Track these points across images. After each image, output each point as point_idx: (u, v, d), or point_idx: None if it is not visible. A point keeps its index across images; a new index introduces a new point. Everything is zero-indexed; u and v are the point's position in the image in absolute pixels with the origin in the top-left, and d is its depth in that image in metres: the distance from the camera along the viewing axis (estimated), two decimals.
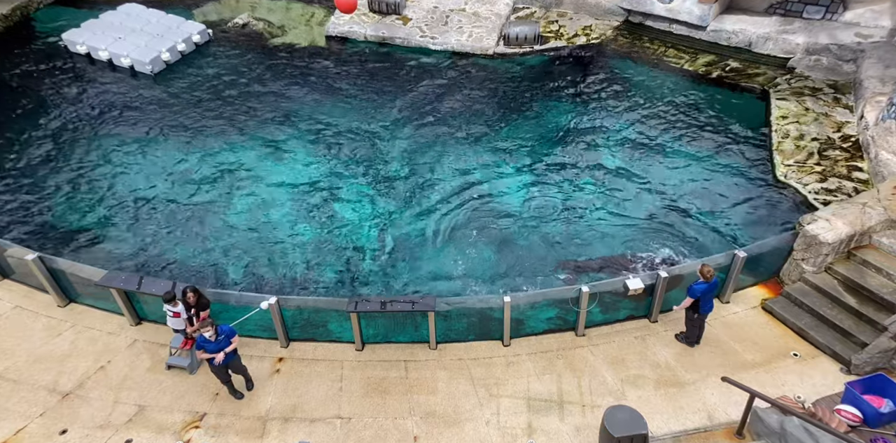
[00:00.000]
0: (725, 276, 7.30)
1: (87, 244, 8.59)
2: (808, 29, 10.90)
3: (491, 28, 12.58)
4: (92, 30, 12.34)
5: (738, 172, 9.38)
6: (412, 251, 8.54)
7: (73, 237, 8.68)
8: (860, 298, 6.82)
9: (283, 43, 12.92)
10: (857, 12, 10.66)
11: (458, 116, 10.95)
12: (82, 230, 8.82)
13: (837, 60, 10.61)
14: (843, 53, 10.53)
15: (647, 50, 12.11)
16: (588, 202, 9.15)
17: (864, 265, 7.01)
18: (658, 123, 10.49)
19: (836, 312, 6.86)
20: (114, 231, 8.82)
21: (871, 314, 6.58)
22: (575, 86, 11.53)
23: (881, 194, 7.42)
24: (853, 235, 7.00)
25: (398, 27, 12.80)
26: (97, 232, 8.80)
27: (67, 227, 8.87)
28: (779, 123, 9.76)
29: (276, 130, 10.67)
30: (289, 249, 8.56)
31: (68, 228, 8.84)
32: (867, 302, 6.75)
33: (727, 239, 8.39)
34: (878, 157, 8.26)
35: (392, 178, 9.76)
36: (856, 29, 10.66)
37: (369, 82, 11.88)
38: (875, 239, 7.10)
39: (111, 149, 10.27)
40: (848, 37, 10.52)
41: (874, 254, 7.04)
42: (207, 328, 5.74)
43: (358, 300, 6.64)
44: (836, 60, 10.62)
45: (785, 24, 11.11)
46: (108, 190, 9.48)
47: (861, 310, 6.69)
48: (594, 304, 6.87)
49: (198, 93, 11.53)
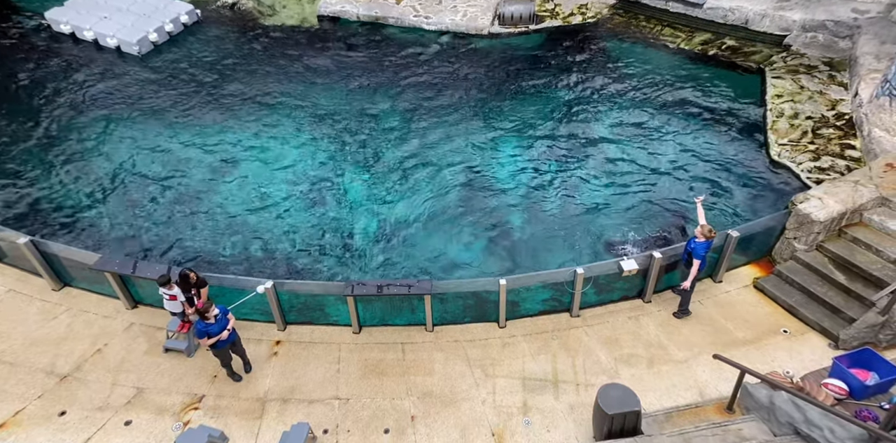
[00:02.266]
0: (718, 256, 7.36)
1: (79, 227, 8.53)
2: (805, 5, 10.75)
3: (486, 7, 12.33)
4: (76, 8, 11.99)
5: (733, 152, 9.37)
6: (408, 234, 8.54)
7: (64, 220, 8.62)
8: (849, 274, 6.91)
9: (273, 23, 12.62)
10: None
11: (453, 97, 10.81)
12: (74, 213, 8.76)
13: (834, 37, 10.50)
14: (839, 30, 10.41)
15: (643, 29, 11.93)
16: (584, 181, 9.14)
17: (855, 243, 7.09)
18: (654, 102, 10.41)
19: (825, 289, 6.96)
20: (106, 214, 8.75)
21: (860, 290, 6.69)
22: (570, 66, 11.38)
23: (873, 172, 7.44)
24: (844, 213, 7.05)
25: (391, 6, 12.52)
26: (89, 215, 8.74)
27: (58, 209, 8.80)
28: (774, 101, 9.71)
29: (267, 112, 10.51)
30: (285, 232, 8.53)
31: (59, 211, 8.77)
32: (856, 279, 6.85)
33: (720, 219, 8.43)
34: (871, 134, 8.26)
35: (387, 159, 9.68)
36: (852, 4, 10.52)
37: (362, 63, 11.66)
38: (866, 216, 7.16)
39: (99, 131, 10.11)
40: (845, 13, 10.39)
41: (864, 231, 7.11)
42: (213, 309, 5.75)
43: (354, 284, 6.66)
44: (832, 37, 10.51)
45: (782, 1, 10.94)
46: (97, 172, 9.38)
47: (850, 286, 6.79)
48: (589, 285, 6.93)
49: (187, 74, 11.30)
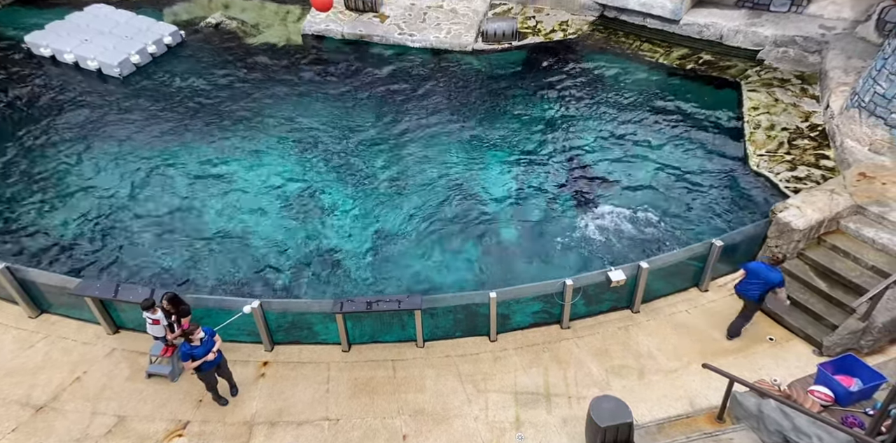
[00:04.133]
0: (703, 265, 7.47)
1: (58, 252, 8.34)
2: (776, 21, 11.16)
3: (469, 25, 12.56)
4: (57, 31, 11.91)
5: (714, 163, 9.58)
6: (396, 249, 8.52)
7: (42, 245, 8.43)
8: (830, 282, 7.06)
9: (257, 42, 12.68)
10: (821, 5, 10.96)
11: (439, 113, 10.92)
12: (51, 237, 8.57)
13: (804, 52, 10.89)
14: (808, 45, 10.82)
15: (622, 44, 12.25)
16: (569, 194, 9.25)
17: (833, 250, 7.26)
18: (635, 114, 10.64)
19: (807, 297, 7.09)
20: (85, 237, 8.58)
21: (840, 297, 6.83)
22: (553, 80, 11.60)
23: (847, 181, 7.67)
24: (822, 221, 7.23)
25: (375, 25, 12.69)
26: (68, 239, 8.55)
27: (35, 234, 8.60)
28: (750, 113, 9.99)
29: (252, 131, 10.49)
30: (271, 251, 8.45)
31: (37, 236, 8.57)
32: (836, 286, 6.99)
33: (703, 229, 8.57)
34: (844, 144, 8.53)
35: (374, 175, 9.70)
36: (820, 21, 10.95)
37: (348, 80, 11.75)
38: (843, 224, 7.35)
39: (77, 154, 9.95)
40: (813, 29, 10.81)
41: (842, 239, 7.29)
42: (199, 332, 5.64)
43: (343, 301, 6.60)
44: (802, 52, 10.91)
45: (753, 18, 11.35)
46: (74, 196, 9.21)
47: (831, 293, 6.93)
48: (578, 296, 6.97)
49: (169, 95, 11.25)
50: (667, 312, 7.48)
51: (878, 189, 7.39)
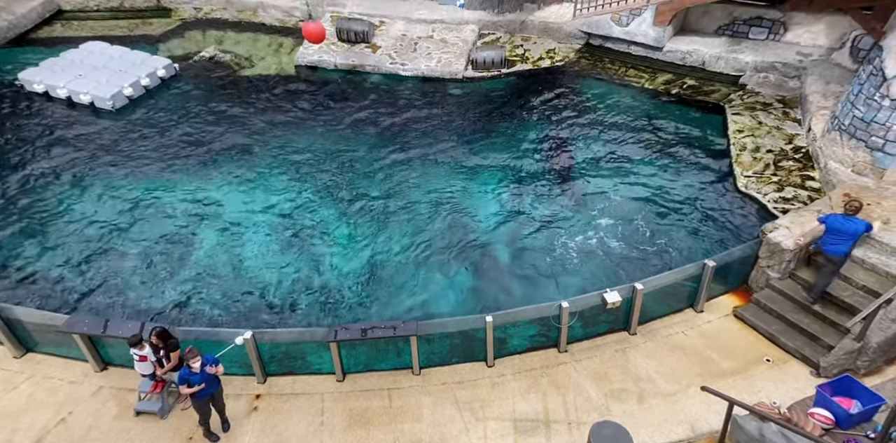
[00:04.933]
0: (697, 286, 7.51)
1: (44, 288, 8.15)
2: (755, 48, 11.57)
3: (458, 54, 12.86)
4: (51, 68, 11.94)
5: (703, 184, 9.75)
6: (391, 274, 8.47)
7: (27, 281, 8.22)
8: (823, 302, 7.11)
9: (251, 74, 12.83)
10: (797, 33, 11.40)
11: (431, 138, 11.06)
12: (38, 273, 8.38)
13: (783, 77, 11.27)
14: (787, 71, 11.20)
15: (608, 70, 12.59)
16: (560, 218, 9.31)
17: None
18: (624, 138, 10.85)
19: (802, 317, 7.13)
20: (73, 272, 8.41)
21: (834, 317, 6.87)
22: (542, 106, 11.85)
23: (833, 202, 7.83)
24: (811, 241, 7.33)
25: (368, 55, 12.93)
26: (55, 274, 8.37)
27: (21, 270, 8.40)
28: (735, 136, 10.24)
29: (244, 161, 10.49)
30: (263, 280, 8.36)
31: (22, 272, 8.37)
32: (829, 305, 7.05)
33: (696, 249, 8.66)
34: (827, 166, 8.75)
35: (366, 201, 9.71)
36: (797, 48, 11.38)
37: (340, 108, 11.89)
38: None
39: (63, 187, 9.84)
40: (791, 55, 11.22)
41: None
42: (196, 358, 5.50)
43: (338, 329, 6.50)
44: (782, 77, 11.29)
45: (733, 45, 11.76)
46: (63, 229, 9.06)
47: (825, 313, 6.98)
48: (574, 319, 6.94)
49: (161, 126, 11.26)
50: (663, 333, 7.46)
51: (864, 209, 7.54)
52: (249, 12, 14.57)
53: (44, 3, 13.74)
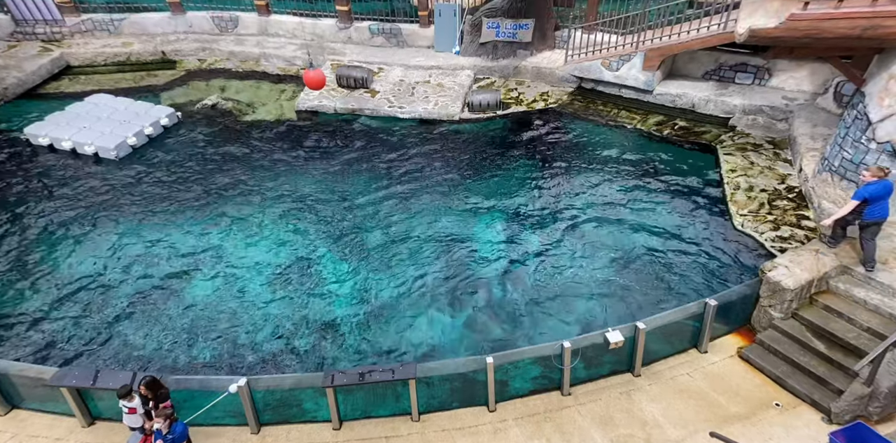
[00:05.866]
0: (700, 325, 7.43)
1: (35, 339, 7.94)
2: (742, 92, 12.02)
3: (455, 97, 13.27)
4: (56, 122, 12.13)
5: (699, 223, 9.83)
6: (387, 316, 8.34)
7: (14, 333, 8.00)
8: (828, 343, 7.03)
9: (252, 119, 13.11)
10: (781, 79, 11.88)
11: (429, 178, 11.20)
12: (30, 324, 8.19)
13: (772, 120, 11.65)
14: (775, 114, 11.60)
15: (601, 112, 12.99)
16: (556, 256, 9.31)
17: (827, 310, 7.29)
18: (618, 178, 11.03)
19: (808, 359, 7.01)
20: (64, 322, 8.22)
21: (841, 360, 6.76)
22: (537, 146, 12.11)
23: None
24: (812, 280, 7.34)
25: (367, 99, 13.32)
26: (44, 325, 8.18)
27: (8, 319, 8.22)
28: (729, 175, 10.45)
29: (244, 205, 10.53)
30: (258, 325, 8.20)
31: (9, 323, 8.18)
32: (835, 347, 6.95)
33: (696, 288, 8.62)
34: (821, 206, 8.88)
35: (364, 241, 9.71)
36: (782, 92, 11.83)
37: (339, 150, 12.10)
38: (832, 284, 7.46)
39: (59, 235, 9.77)
40: (777, 99, 11.64)
41: (833, 299, 7.36)
42: (160, 418, 5.27)
43: (334, 373, 6.31)
44: (770, 120, 11.66)
45: (721, 89, 12.22)
46: (59, 278, 8.93)
47: (831, 355, 6.87)
48: (577, 360, 6.80)
49: (162, 173, 11.36)
50: (668, 375, 7.30)
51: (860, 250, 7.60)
52: (252, 62, 15.09)
53: (53, 59, 14.15)
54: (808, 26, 8.30)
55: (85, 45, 14.76)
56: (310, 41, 15.31)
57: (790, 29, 8.48)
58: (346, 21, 15.15)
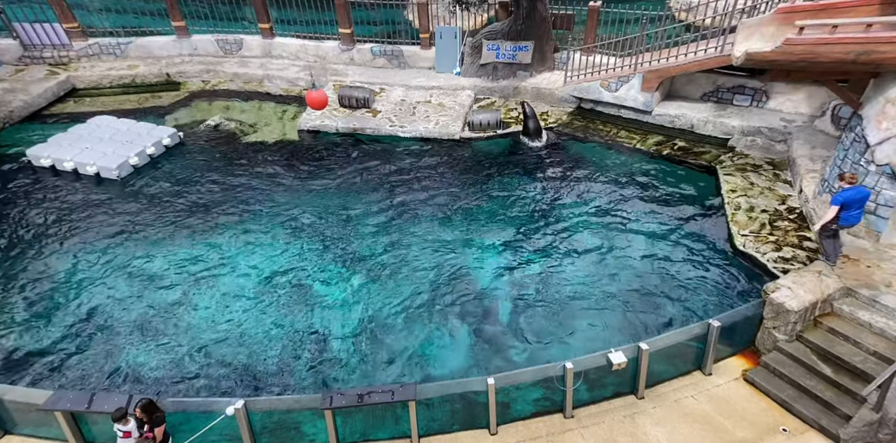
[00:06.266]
0: (704, 346, 7.33)
1: (30, 362, 7.81)
2: (740, 114, 12.15)
3: (455, 116, 13.43)
4: (59, 143, 12.18)
5: (700, 243, 9.82)
6: (387, 335, 8.25)
7: (9, 355, 7.88)
8: (834, 366, 6.92)
9: (254, 139, 13.22)
10: (779, 101, 12.01)
11: (430, 196, 11.23)
12: (22, 346, 8.08)
13: (770, 141, 11.75)
14: (773, 135, 11.70)
15: (600, 131, 13.12)
16: (558, 276, 9.26)
17: (832, 333, 7.22)
18: (619, 197, 11.06)
19: (814, 383, 6.90)
20: (60, 343, 8.12)
21: (848, 384, 6.65)
22: (537, 165, 12.19)
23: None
24: (816, 302, 7.28)
25: (368, 119, 13.47)
26: (40, 346, 8.08)
27: (6, 344, 8.11)
28: (729, 196, 10.48)
29: (244, 224, 10.53)
30: (256, 346, 8.10)
31: (9, 345, 8.08)
32: (841, 371, 6.85)
33: (698, 308, 8.55)
34: None
35: (364, 259, 9.67)
36: (780, 114, 11.94)
37: (340, 169, 12.17)
38: (836, 307, 7.40)
39: (57, 255, 9.72)
40: (775, 121, 11.76)
41: (838, 321, 7.29)
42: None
43: (333, 395, 6.20)
44: (769, 141, 11.76)
45: (720, 110, 12.36)
46: (56, 299, 8.87)
47: (837, 379, 6.76)
48: (579, 381, 6.68)
49: (164, 193, 11.39)
50: (672, 397, 7.17)
51: (864, 272, 7.57)
52: (255, 83, 15.31)
53: (59, 82, 14.31)
54: (804, 51, 8.44)
55: (91, 68, 14.97)
56: (313, 63, 15.57)
57: (786, 53, 8.63)
58: (348, 43, 15.43)
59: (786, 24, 9.48)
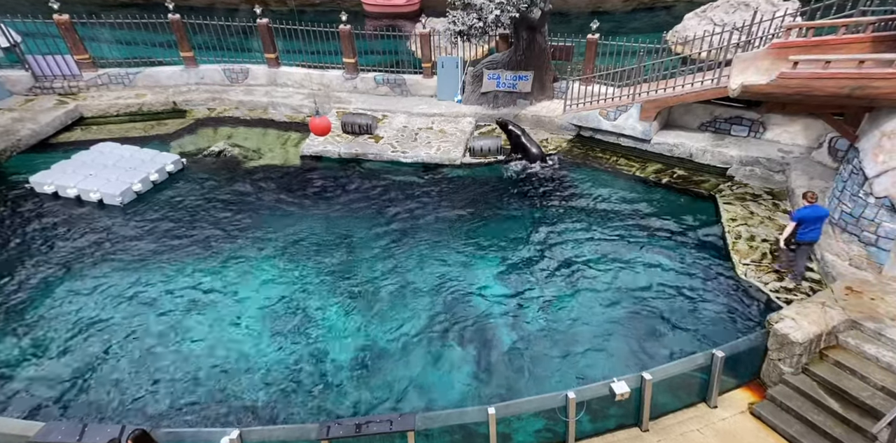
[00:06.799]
0: (708, 377, 7.20)
1: (25, 392, 7.65)
2: (738, 144, 12.31)
3: (457, 142, 13.63)
4: (63, 170, 12.24)
5: (701, 271, 9.77)
6: (386, 362, 8.11)
7: (3, 389, 7.72)
8: (842, 401, 6.78)
9: (257, 165, 13.36)
10: (776, 132, 12.17)
11: (429, 222, 11.25)
12: (20, 374, 7.94)
13: (769, 171, 11.86)
14: (772, 165, 11.82)
15: (600, 159, 13.27)
16: (558, 304, 9.18)
17: (839, 367, 7.10)
18: (620, 224, 11.08)
19: (823, 418, 6.74)
20: (53, 373, 7.96)
21: (857, 420, 6.50)
22: (538, 191, 12.27)
23: (836, 295, 7.81)
24: (820, 334, 7.20)
25: (370, 144, 13.67)
26: (31, 375, 7.92)
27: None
28: (730, 224, 10.51)
29: (243, 249, 10.49)
30: (253, 374, 7.95)
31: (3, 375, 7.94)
32: (850, 406, 6.70)
33: (701, 337, 8.44)
34: (824, 258, 8.87)
35: (364, 284, 9.60)
36: (778, 145, 12.09)
37: (342, 193, 12.25)
38: (842, 339, 7.31)
39: (53, 283, 9.61)
40: (773, 152, 11.89)
41: (844, 355, 7.19)
42: None
43: (330, 425, 6.05)
44: (767, 171, 11.87)
45: (717, 140, 12.53)
46: (53, 327, 8.71)
47: (846, 415, 6.61)
48: (582, 412, 6.53)
49: (165, 219, 11.40)
50: (677, 431, 6.99)
51: (868, 304, 7.52)
52: (260, 110, 15.58)
53: (67, 111, 14.53)
54: (798, 84, 8.66)
55: (99, 98, 15.22)
56: (317, 91, 15.89)
57: (781, 86, 8.85)
58: (352, 72, 15.80)
59: (780, 58, 9.76)
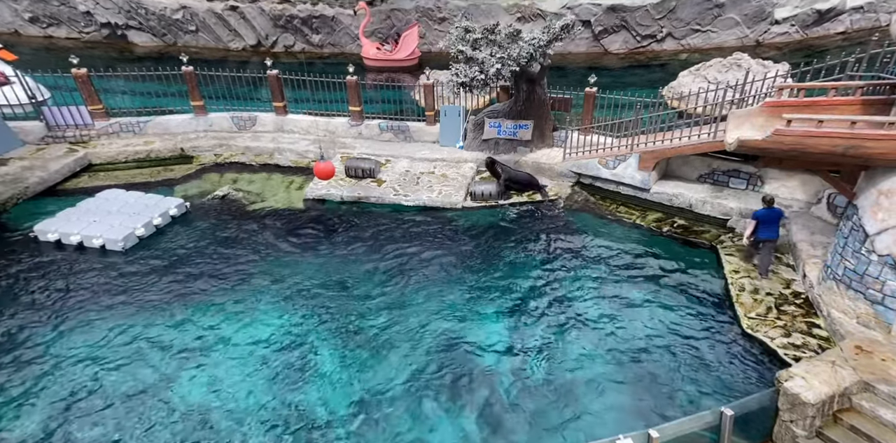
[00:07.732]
0: (717, 437, 6.95)
1: None
2: (737, 196, 12.40)
3: (458, 187, 13.82)
4: (67, 217, 12.32)
5: (706, 325, 9.64)
6: (385, 416, 7.85)
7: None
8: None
9: (260, 208, 13.48)
10: (773, 186, 12.17)
11: (429, 266, 11.22)
12: (15, 428, 7.71)
13: None
14: None
15: (600, 206, 13.40)
16: (559, 356, 9.00)
17: (854, 432, 6.89)
18: (620, 274, 11.02)
19: None
20: (46, 423, 7.77)
21: None
22: (538, 236, 12.32)
23: (846, 354, 7.68)
24: (833, 395, 7.02)
25: (373, 188, 13.88)
26: (21, 431, 7.67)
27: None
28: (732, 276, 10.47)
29: (243, 294, 10.40)
30: (246, 426, 7.70)
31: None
32: None
33: (708, 393, 8.22)
34: (831, 315, 8.78)
35: (363, 334, 9.44)
36: (777, 199, 12.17)
37: (344, 236, 12.29)
38: (856, 402, 7.13)
39: (51, 330, 9.47)
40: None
41: (859, 419, 6.99)
42: None
43: None
44: None
45: (716, 191, 12.64)
46: (50, 377, 8.53)
47: None
48: None
49: (166, 264, 11.36)
50: None
51: (880, 365, 7.38)
52: (266, 156, 15.88)
53: (77, 159, 14.80)
54: (793, 141, 8.88)
55: (109, 145, 15.52)
56: (322, 137, 16.26)
57: (776, 142, 9.07)
58: (357, 120, 16.23)
59: (774, 116, 10.06)
